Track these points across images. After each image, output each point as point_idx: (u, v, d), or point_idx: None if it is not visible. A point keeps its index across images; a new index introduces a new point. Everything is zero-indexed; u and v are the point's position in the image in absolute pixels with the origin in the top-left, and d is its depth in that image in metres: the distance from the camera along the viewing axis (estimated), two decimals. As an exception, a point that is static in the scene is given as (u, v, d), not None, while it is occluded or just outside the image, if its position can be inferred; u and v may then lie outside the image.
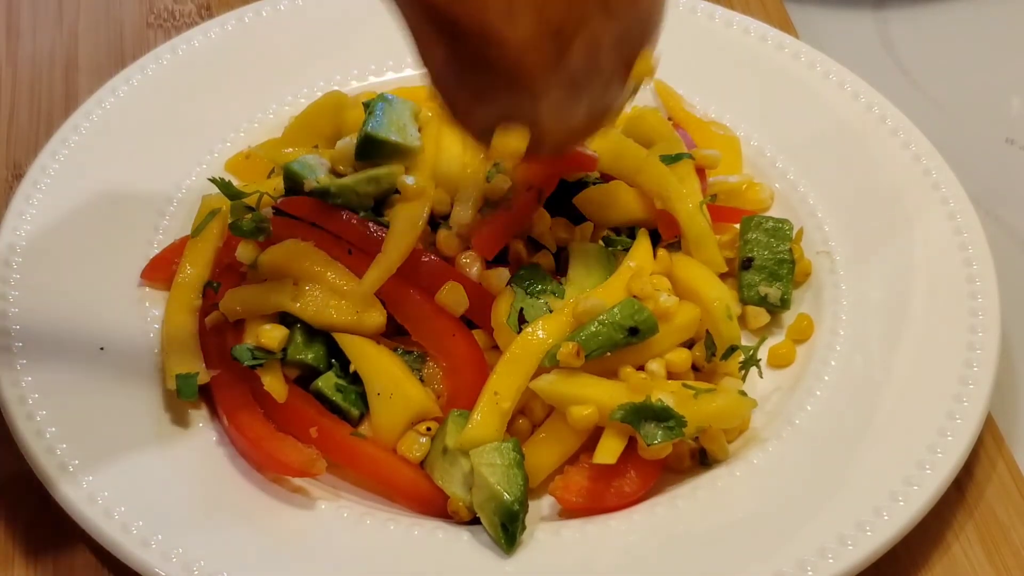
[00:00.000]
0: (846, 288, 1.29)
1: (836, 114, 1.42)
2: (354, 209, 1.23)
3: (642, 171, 1.28)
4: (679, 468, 1.19)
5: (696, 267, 1.25)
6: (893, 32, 1.68)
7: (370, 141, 1.27)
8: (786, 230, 1.31)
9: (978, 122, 1.57)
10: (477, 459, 1.13)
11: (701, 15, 1.51)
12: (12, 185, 1.44)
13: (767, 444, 1.19)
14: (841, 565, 1.09)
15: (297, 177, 1.24)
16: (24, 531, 1.20)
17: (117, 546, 1.10)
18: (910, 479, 1.13)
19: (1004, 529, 1.20)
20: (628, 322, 1.17)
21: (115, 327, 1.25)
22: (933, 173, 1.35)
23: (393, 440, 1.18)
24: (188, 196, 1.36)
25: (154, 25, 1.64)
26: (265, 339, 1.19)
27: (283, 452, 1.16)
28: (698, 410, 1.15)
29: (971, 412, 1.17)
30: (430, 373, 1.21)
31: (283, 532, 1.13)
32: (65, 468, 1.14)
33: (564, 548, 1.12)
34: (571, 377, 1.16)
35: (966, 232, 1.30)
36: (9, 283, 1.26)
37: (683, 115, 1.43)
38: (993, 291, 1.26)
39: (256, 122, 1.44)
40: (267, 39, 1.50)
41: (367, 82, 1.47)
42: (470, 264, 1.23)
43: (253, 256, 1.24)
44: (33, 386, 1.19)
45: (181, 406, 1.21)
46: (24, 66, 1.59)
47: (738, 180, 1.38)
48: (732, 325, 1.22)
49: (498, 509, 1.11)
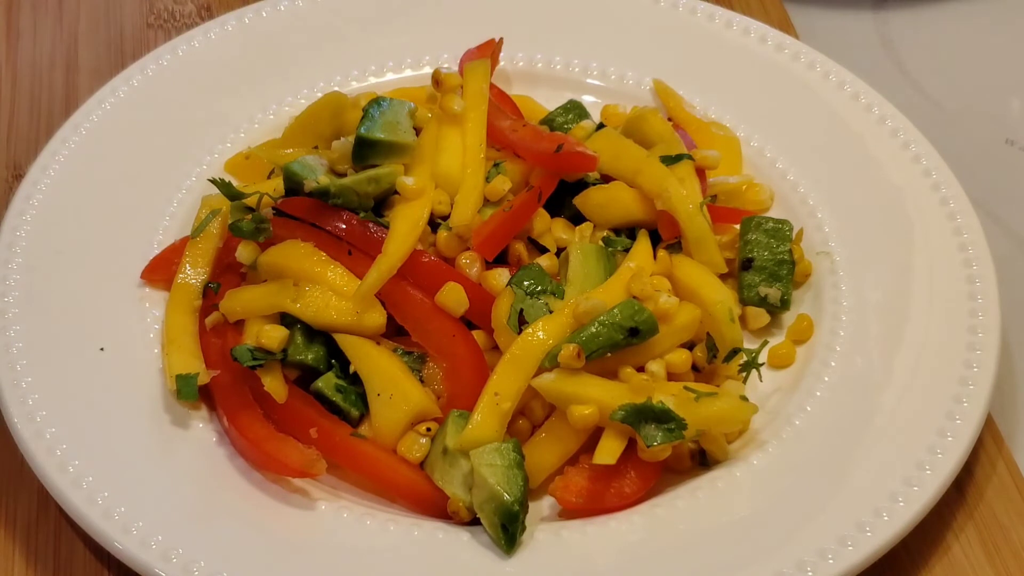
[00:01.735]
0: (846, 289, 1.29)
1: (836, 115, 1.42)
2: (354, 210, 1.23)
3: (642, 172, 1.28)
4: (679, 469, 1.19)
5: (697, 268, 1.25)
6: (893, 33, 1.68)
7: (363, 143, 1.27)
8: (786, 231, 1.31)
9: (978, 123, 1.57)
10: (477, 460, 1.13)
11: (701, 16, 1.51)
12: (12, 185, 1.44)
13: (767, 445, 1.19)
14: (841, 566, 1.08)
15: (297, 178, 1.24)
16: (24, 531, 1.20)
17: (117, 546, 1.10)
18: (910, 480, 1.13)
19: (1004, 530, 1.20)
20: (628, 323, 1.17)
21: (115, 327, 1.26)
22: (933, 174, 1.35)
23: (393, 441, 1.18)
24: (188, 197, 1.36)
25: (154, 26, 1.64)
26: (265, 340, 1.19)
27: (283, 453, 1.16)
28: (699, 413, 1.15)
29: (971, 413, 1.17)
30: (430, 374, 1.21)
31: (283, 533, 1.13)
32: (65, 469, 1.14)
33: (564, 549, 1.12)
34: (572, 376, 1.16)
35: (966, 233, 1.30)
36: (8, 283, 1.26)
37: (683, 116, 1.43)
38: (993, 291, 1.26)
39: (256, 123, 1.44)
40: (267, 40, 1.50)
41: (367, 83, 1.47)
42: (470, 265, 1.23)
43: (253, 257, 1.24)
44: (33, 387, 1.19)
45: (181, 407, 1.21)
46: (24, 67, 1.59)
47: (738, 181, 1.38)
48: (735, 328, 1.22)
49: (498, 510, 1.11)
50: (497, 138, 1.31)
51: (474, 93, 1.32)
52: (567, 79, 1.49)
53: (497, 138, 1.31)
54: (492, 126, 1.31)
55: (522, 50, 1.50)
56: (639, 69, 1.48)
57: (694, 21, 1.51)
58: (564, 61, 1.50)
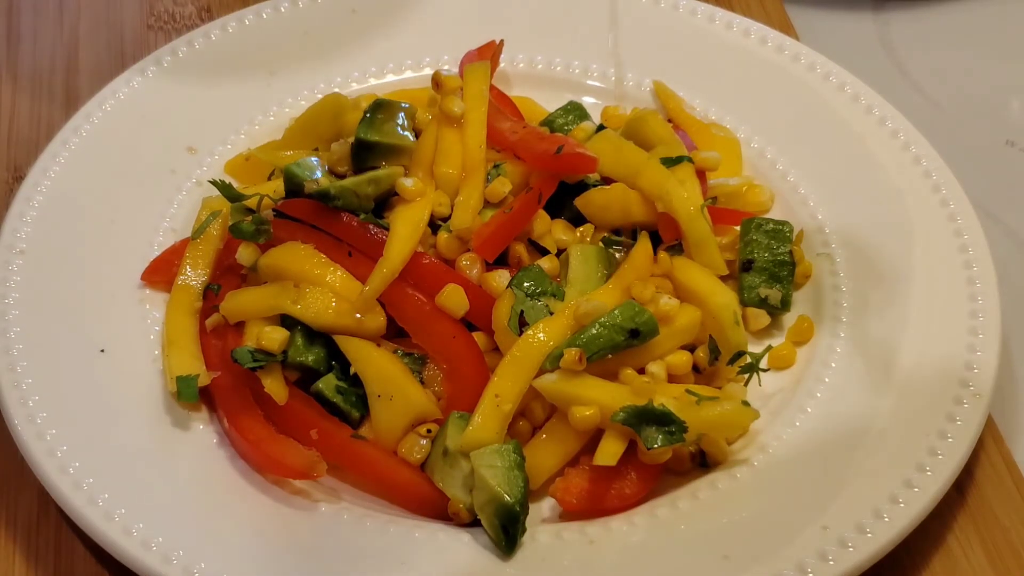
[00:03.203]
0: (846, 290, 1.29)
1: (837, 116, 1.42)
2: (354, 211, 1.23)
3: (642, 174, 1.28)
4: (679, 470, 1.19)
5: (698, 271, 1.25)
6: (893, 34, 1.68)
7: (363, 145, 1.27)
8: (786, 232, 1.31)
9: (978, 124, 1.57)
10: (478, 461, 1.13)
11: (701, 17, 1.51)
12: (13, 187, 1.44)
13: (767, 446, 1.19)
14: (841, 567, 1.08)
15: (297, 179, 1.24)
16: (24, 531, 1.20)
17: (118, 548, 1.10)
18: (910, 481, 1.13)
19: (1005, 531, 1.20)
20: (629, 324, 1.17)
21: (115, 329, 1.26)
22: (933, 175, 1.35)
23: (394, 442, 1.18)
24: (188, 198, 1.36)
25: (155, 27, 1.64)
26: (266, 341, 1.19)
27: (284, 454, 1.16)
28: (700, 417, 1.15)
29: (971, 414, 1.17)
30: (430, 375, 1.21)
31: (283, 534, 1.13)
32: (66, 470, 1.14)
33: (564, 550, 1.12)
34: (573, 378, 1.16)
35: (966, 234, 1.30)
36: (9, 285, 1.26)
37: (683, 117, 1.43)
38: (993, 292, 1.26)
39: (256, 124, 1.44)
40: (268, 41, 1.50)
41: (367, 84, 1.48)
42: (470, 266, 1.23)
43: (253, 258, 1.25)
44: (34, 388, 1.19)
45: (181, 408, 1.21)
46: (25, 68, 1.59)
47: (738, 182, 1.38)
48: (739, 331, 1.22)
49: (499, 511, 1.11)
50: (497, 140, 1.31)
51: (474, 95, 1.32)
52: (567, 80, 1.49)
53: (497, 140, 1.31)
54: (492, 128, 1.31)
55: (522, 52, 1.50)
56: (639, 70, 1.48)
57: (694, 22, 1.51)
58: (564, 62, 1.50)
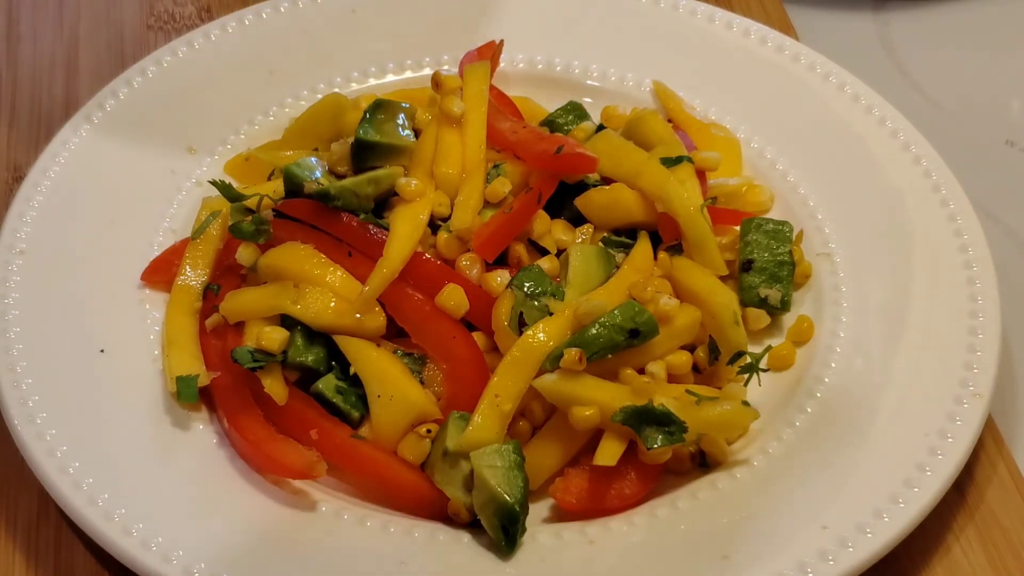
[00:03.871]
0: (846, 290, 1.29)
1: (836, 116, 1.42)
2: (354, 211, 1.23)
3: (642, 174, 1.28)
4: (679, 470, 1.19)
5: (698, 271, 1.25)
6: (893, 34, 1.68)
7: (362, 145, 1.27)
8: (786, 232, 1.31)
9: (978, 124, 1.57)
10: (478, 461, 1.13)
11: (701, 17, 1.51)
12: (12, 187, 1.44)
13: (767, 446, 1.19)
14: (841, 567, 1.08)
15: (297, 179, 1.24)
16: (24, 531, 1.20)
17: (117, 548, 1.10)
18: (910, 481, 1.13)
19: (1005, 531, 1.20)
20: (628, 324, 1.17)
21: (115, 329, 1.26)
22: (933, 175, 1.35)
23: (393, 442, 1.18)
24: (188, 198, 1.36)
25: (154, 27, 1.64)
26: (265, 341, 1.19)
27: (283, 454, 1.16)
28: (699, 417, 1.15)
29: (971, 414, 1.17)
30: (430, 375, 1.21)
31: (283, 534, 1.13)
32: (65, 470, 1.14)
33: (564, 550, 1.12)
34: (573, 378, 1.16)
35: (966, 234, 1.30)
36: (9, 284, 1.26)
37: (683, 117, 1.43)
38: (993, 293, 1.26)
39: (256, 124, 1.44)
40: (267, 41, 1.50)
41: (367, 84, 1.48)
42: (470, 266, 1.23)
43: (253, 258, 1.25)
44: (34, 388, 1.19)
45: (181, 408, 1.21)
46: (24, 68, 1.59)
47: (738, 182, 1.38)
48: (739, 331, 1.21)
49: (498, 511, 1.11)
50: (497, 140, 1.31)
51: (474, 95, 1.32)
52: (567, 80, 1.49)
53: (497, 140, 1.31)
54: (492, 128, 1.31)
55: (522, 52, 1.50)
56: (639, 70, 1.48)
57: (694, 22, 1.51)
58: (564, 62, 1.50)
